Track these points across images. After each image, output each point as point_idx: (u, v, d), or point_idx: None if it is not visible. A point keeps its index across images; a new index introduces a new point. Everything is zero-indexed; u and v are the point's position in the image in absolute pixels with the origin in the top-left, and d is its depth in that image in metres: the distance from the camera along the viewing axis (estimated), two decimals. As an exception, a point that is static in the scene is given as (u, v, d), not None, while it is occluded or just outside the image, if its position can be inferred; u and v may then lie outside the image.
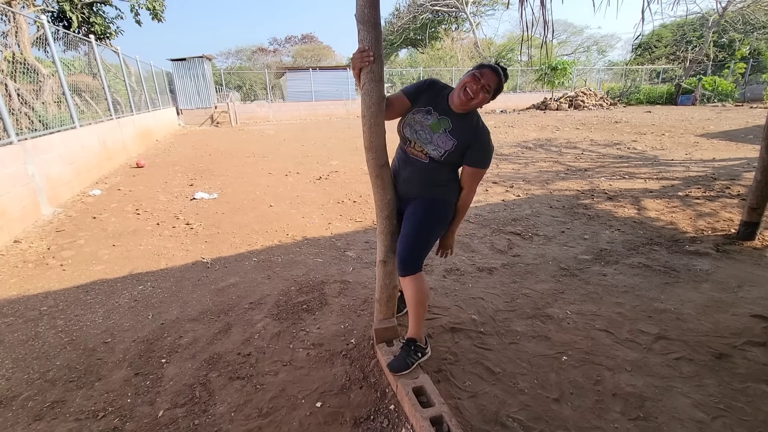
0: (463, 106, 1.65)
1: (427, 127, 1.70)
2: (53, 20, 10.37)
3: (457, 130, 1.68)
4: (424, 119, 1.71)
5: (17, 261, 3.29)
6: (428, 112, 1.71)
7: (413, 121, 1.72)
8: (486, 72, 1.61)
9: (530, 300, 2.49)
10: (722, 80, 19.89)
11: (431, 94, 1.74)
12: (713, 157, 6.76)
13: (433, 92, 1.74)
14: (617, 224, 3.78)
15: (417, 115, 1.73)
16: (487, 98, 1.64)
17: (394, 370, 1.77)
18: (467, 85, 1.61)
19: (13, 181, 3.92)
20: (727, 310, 2.32)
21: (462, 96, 1.63)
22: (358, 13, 1.49)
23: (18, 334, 2.30)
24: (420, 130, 1.71)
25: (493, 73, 1.61)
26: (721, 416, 1.59)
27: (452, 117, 1.69)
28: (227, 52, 38.21)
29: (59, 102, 6.94)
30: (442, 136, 1.69)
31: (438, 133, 1.69)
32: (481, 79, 1.60)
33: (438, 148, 1.69)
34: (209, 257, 3.31)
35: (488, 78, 1.60)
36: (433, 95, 1.73)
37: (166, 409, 1.72)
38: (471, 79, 1.61)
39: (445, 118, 1.69)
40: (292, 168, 6.87)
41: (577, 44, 34.09)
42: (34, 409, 1.74)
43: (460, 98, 1.64)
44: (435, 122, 1.70)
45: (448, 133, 1.69)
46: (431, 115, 1.71)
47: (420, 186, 1.78)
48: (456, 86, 1.68)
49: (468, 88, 1.61)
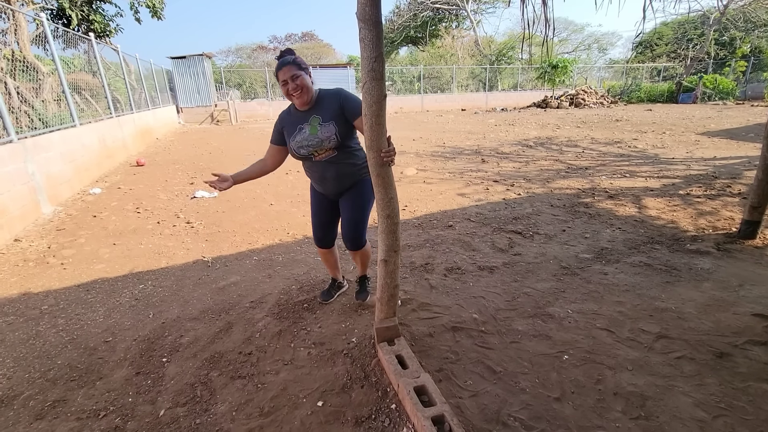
0: (303, 104, 1.93)
1: (310, 136, 1.94)
2: (52, 18, 10.34)
3: (325, 114, 1.93)
4: (301, 134, 1.96)
5: (18, 260, 3.29)
6: (299, 130, 1.96)
7: (298, 143, 1.96)
8: (283, 71, 1.86)
9: (531, 299, 2.49)
10: (723, 78, 19.83)
11: (288, 121, 2.02)
12: (714, 156, 6.75)
13: (288, 118, 2.02)
14: (618, 223, 3.78)
15: (296, 138, 1.97)
16: (301, 75, 1.86)
17: (364, 299, 2.41)
18: (289, 91, 1.88)
19: (13, 180, 3.92)
20: (729, 309, 2.32)
21: (296, 100, 1.91)
22: (359, 11, 1.48)
23: (19, 332, 2.30)
24: (309, 143, 1.95)
25: (287, 66, 1.85)
26: (722, 415, 1.59)
27: (312, 113, 1.95)
28: (227, 50, 38.16)
29: (59, 100, 6.93)
30: (323, 128, 1.93)
31: (318, 131, 1.93)
32: (288, 79, 1.85)
33: (330, 138, 1.93)
34: (210, 256, 3.31)
35: (287, 72, 1.85)
36: (289, 120, 2.01)
37: (168, 408, 1.72)
38: (283, 86, 1.89)
39: (313, 117, 1.94)
40: (292, 166, 6.85)
41: (578, 42, 34.02)
42: (36, 408, 1.74)
43: (297, 102, 1.92)
44: (311, 128, 1.94)
45: (323, 123, 1.93)
46: (303, 128, 1.95)
47: (346, 176, 2.06)
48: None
49: (290, 92, 1.88)
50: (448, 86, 23.34)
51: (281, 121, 2.05)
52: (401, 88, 22.88)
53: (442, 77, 23.64)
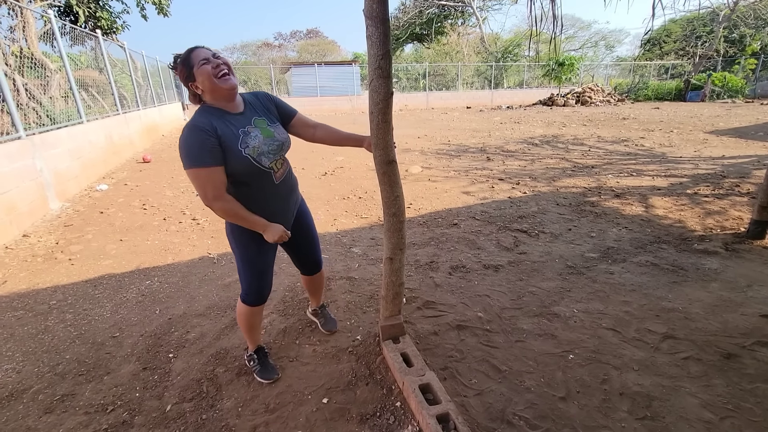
0: (232, 92, 1.49)
1: (267, 139, 1.54)
2: (60, 15, 10.40)
3: (266, 115, 1.61)
4: (253, 139, 1.50)
5: (26, 255, 3.33)
6: (245, 134, 1.49)
7: (257, 150, 1.50)
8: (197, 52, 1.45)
9: (537, 298, 2.48)
10: (732, 76, 19.58)
11: (222, 128, 1.44)
12: (723, 155, 6.68)
13: (220, 125, 1.44)
14: (624, 222, 3.75)
15: (250, 144, 1.48)
16: (222, 57, 1.49)
17: (335, 329, 2.19)
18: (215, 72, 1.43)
19: (21, 176, 3.96)
20: (736, 309, 2.30)
21: (225, 84, 1.45)
22: (366, 8, 1.48)
23: (28, 327, 2.33)
24: (270, 149, 1.54)
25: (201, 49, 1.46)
26: (729, 417, 1.58)
27: (249, 115, 1.55)
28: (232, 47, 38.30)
29: (66, 97, 6.98)
30: (276, 129, 1.60)
31: (274, 132, 1.58)
32: (209, 57, 1.44)
33: (287, 141, 1.63)
34: (215, 253, 3.33)
35: (205, 52, 1.46)
36: (223, 128, 1.44)
37: (174, 403, 1.73)
38: (203, 65, 1.43)
39: (256, 119, 1.56)
40: (296, 163, 6.87)
41: (584, 39, 33.70)
42: (45, 402, 1.76)
43: (222, 87, 1.45)
44: (261, 130, 1.54)
45: (272, 125, 1.60)
46: (250, 132, 1.51)
47: (296, 196, 1.78)
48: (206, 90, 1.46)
49: (218, 74, 1.44)
50: (454, 84, 23.26)
51: (211, 132, 1.40)
52: (406, 86, 22.82)
53: (448, 75, 23.56)
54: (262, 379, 1.85)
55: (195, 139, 1.39)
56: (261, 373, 1.86)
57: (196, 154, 1.38)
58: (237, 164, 1.46)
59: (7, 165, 3.75)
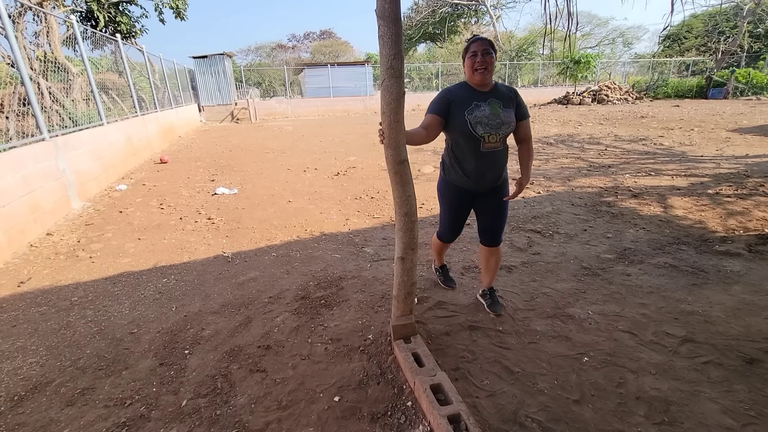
0: (482, 82, 1.90)
1: (491, 115, 1.90)
2: (81, 20, 10.71)
3: (504, 101, 1.94)
4: (480, 111, 1.89)
5: (50, 253, 3.44)
6: (476, 106, 1.90)
7: (476, 119, 1.88)
8: (477, 43, 1.87)
9: (550, 299, 2.45)
10: (757, 72, 18.93)
11: (459, 97, 1.92)
12: (746, 153, 6.47)
13: (459, 94, 1.93)
14: (642, 222, 3.67)
15: (474, 113, 1.89)
16: (492, 55, 1.87)
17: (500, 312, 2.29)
18: (475, 64, 1.86)
19: (45, 176, 4.09)
20: (760, 313, 2.23)
21: (477, 76, 1.88)
22: (378, 8, 1.48)
23: (51, 322, 2.41)
24: (489, 121, 1.90)
25: (481, 41, 1.88)
26: (751, 423, 1.53)
27: (492, 96, 1.93)
28: (247, 49, 38.79)
29: (88, 99, 7.19)
30: (505, 113, 1.92)
31: (500, 113, 1.91)
32: (479, 51, 1.85)
33: (509, 124, 1.94)
34: (230, 251, 3.38)
35: (480, 45, 1.86)
36: (461, 96, 1.92)
37: (190, 398, 1.77)
38: (471, 57, 1.87)
39: (493, 101, 1.92)
40: (310, 164, 6.93)
41: (601, 36, 33.06)
42: (66, 395, 1.82)
43: (477, 77, 1.88)
44: (491, 108, 1.91)
45: (504, 108, 1.93)
46: (482, 106, 1.90)
47: (497, 174, 2.04)
48: (466, 74, 1.95)
49: (476, 66, 1.86)
50: (467, 83, 23.04)
51: (449, 94, 1.93)
52: (419, 85, 22.77)
53: (461, 74, 23.31)
54: (444, 285, 2.59)
55: (439, 95, 1.96)
56: (443, 282, 2.61)
57: (433, 103, 1.95)
58: (457, 122, 1.91)
59: (32, 166, 3.88)
